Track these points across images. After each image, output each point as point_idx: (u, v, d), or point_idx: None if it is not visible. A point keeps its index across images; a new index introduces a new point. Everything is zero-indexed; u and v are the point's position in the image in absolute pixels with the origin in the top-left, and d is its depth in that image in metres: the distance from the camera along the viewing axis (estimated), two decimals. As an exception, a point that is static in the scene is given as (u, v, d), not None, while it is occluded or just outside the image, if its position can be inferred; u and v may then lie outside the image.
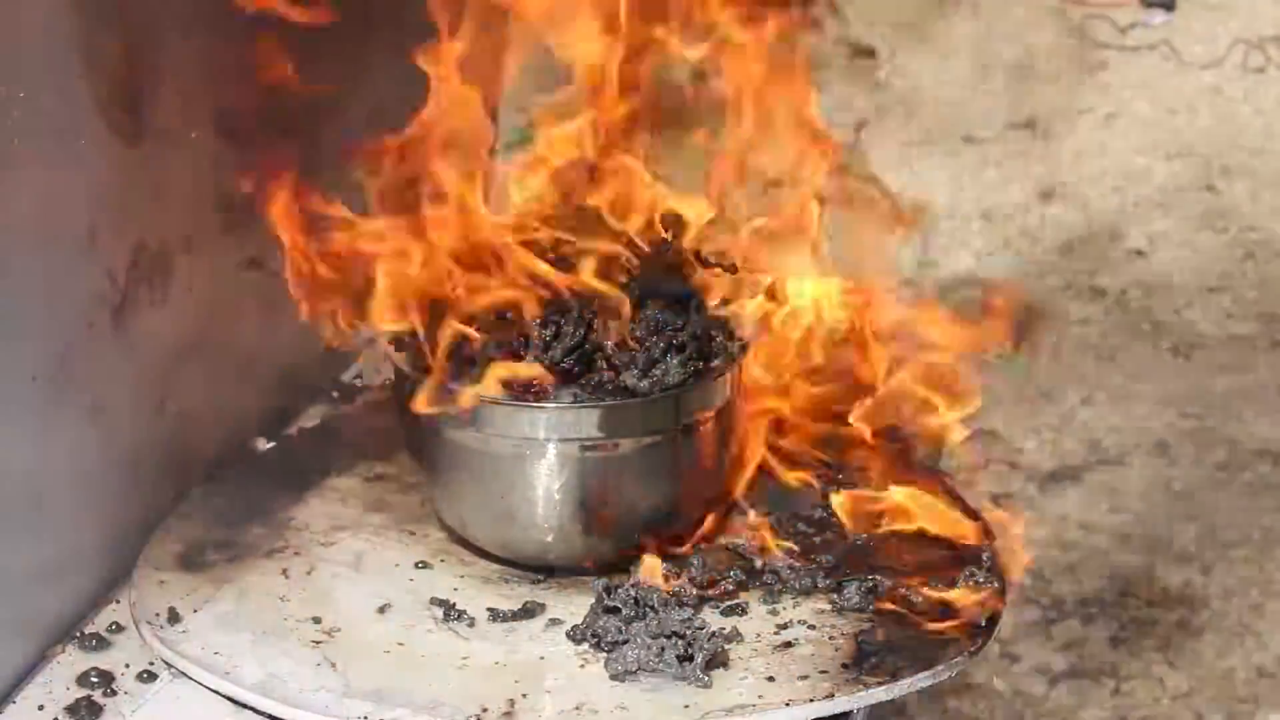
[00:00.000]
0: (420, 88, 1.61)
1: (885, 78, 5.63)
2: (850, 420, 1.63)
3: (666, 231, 1.60)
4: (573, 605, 1.48)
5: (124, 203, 1.49)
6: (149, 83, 1.49)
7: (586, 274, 1.53)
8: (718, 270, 1.60)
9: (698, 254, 1.60)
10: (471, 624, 1.46)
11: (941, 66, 5.67)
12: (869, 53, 5.58)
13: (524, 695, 1.36)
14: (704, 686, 1.35)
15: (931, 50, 5.73)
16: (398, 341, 1.53)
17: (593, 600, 1.46)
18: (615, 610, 1.43)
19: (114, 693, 1.40)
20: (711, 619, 1.45)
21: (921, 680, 1.39)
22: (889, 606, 1.46)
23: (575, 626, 1.44)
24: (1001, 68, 5.74)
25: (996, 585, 1.48)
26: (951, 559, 1.52)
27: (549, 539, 1.51)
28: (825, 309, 1.63)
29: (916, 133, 5.22)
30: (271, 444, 1.78)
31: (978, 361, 1.61)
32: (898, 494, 1.56)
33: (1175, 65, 5.78)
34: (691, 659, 1.36)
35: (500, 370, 1.45)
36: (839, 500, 1.57)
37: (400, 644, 1.43)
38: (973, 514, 1.59)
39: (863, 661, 1.40)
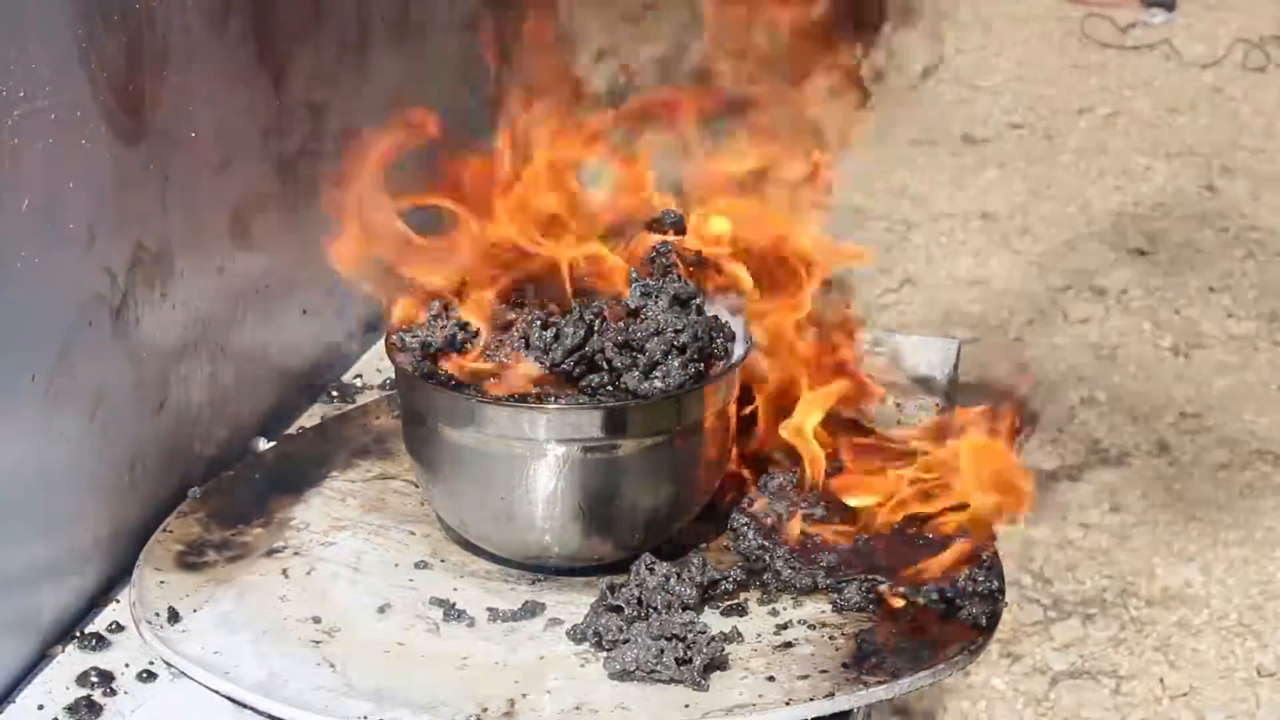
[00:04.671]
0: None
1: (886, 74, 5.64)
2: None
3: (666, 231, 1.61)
4: (573, 605, 1.48)
5: (124, 203, 1.49)
6: (149, 83, 1.49)
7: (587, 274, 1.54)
8: (717, 270, 1.60)
9: (698, 254, 1.60)
10: (471, 624, 1.46)
11: (944, 65, 5.67)
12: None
13: (524, 695, 1.36)
14: (701, 690, 1.35)
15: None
16: (400, 341, 1.53)
17: (593, 600, 1.46)
18: (618, 609, 1.43)
19: (114, 692, 1.40)
20: (712, 619, 1.45)
21: (921, 680, 1.39)
22: (889, 606, 1.46)
23: (575, 626, 1.44)
24: (1002, 67, 5.75)
25: (996, 585, 1.48)
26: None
27: (549, 539, 1.51)
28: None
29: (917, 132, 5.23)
30: (271, 444, 1.78)
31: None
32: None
33: (1175, 65, 5.79)
34: (690, 661, 1.36)
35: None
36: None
37: (400, 644, 1.43)
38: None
39: (863, 661, 1.40)
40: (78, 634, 1.46)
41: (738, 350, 1.55)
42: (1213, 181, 4.94)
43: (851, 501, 1.58)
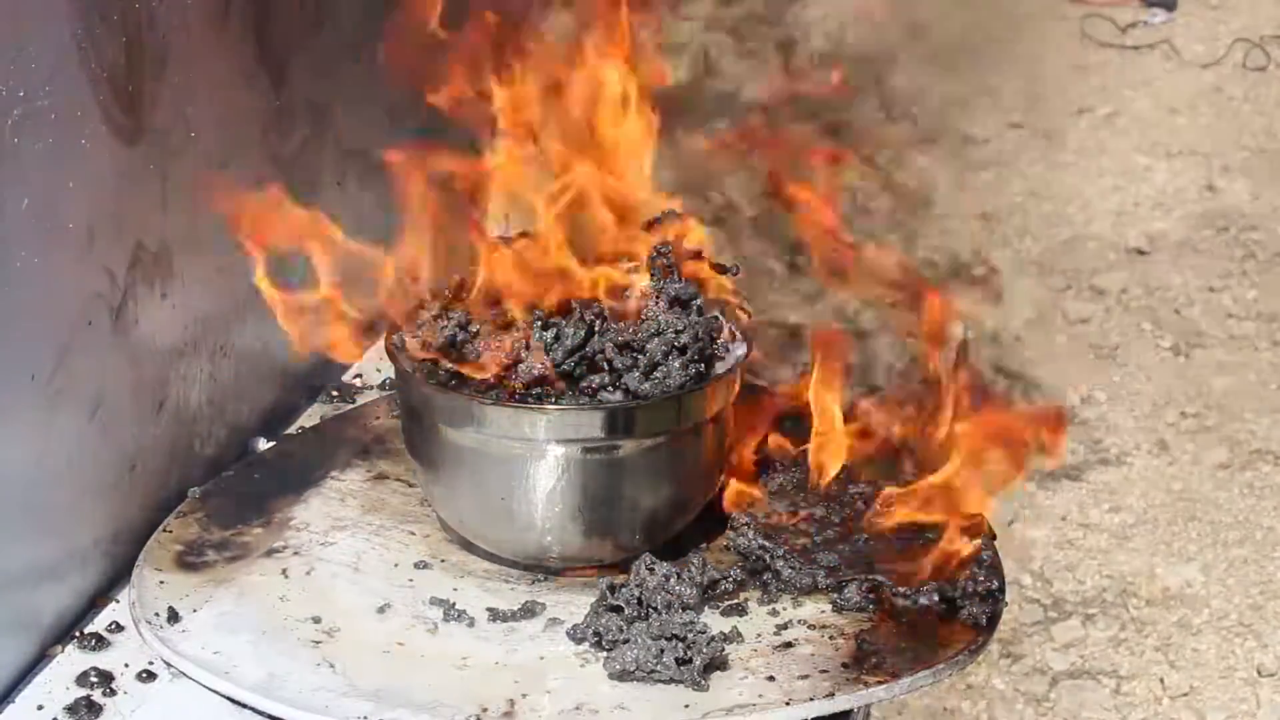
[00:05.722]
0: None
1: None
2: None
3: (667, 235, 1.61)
4: (572, 605, 1.48)
5: (124, 203, 1.49)
6: (149, 83, 1.49)
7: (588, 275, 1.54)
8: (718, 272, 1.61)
9: (699, 256, 1.60)
10: (471, 624, 1.46)
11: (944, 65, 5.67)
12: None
13: (524, 695, 1.36)
14: (701, 690, 1.35)
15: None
16: (400, 341, 1.53)
17: (593, 600, 1.46)
18: (618, 609, 1.43)
19: (113, 692, 1.39)
20: (712, 619, 1.45)
21: (921, 680, 1.39)
22: (889, 606, 1.46)
23: (575, 626, 1.44)
24: (1002, 67, 5.74)
25: (996, 585, 1.48)
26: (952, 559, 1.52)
27: (549, 539, 1.51)
28: None
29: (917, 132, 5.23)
30: (271, 444, 1.78)
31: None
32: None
33: (1176, 64, 5.78)
34: (690, 661, 1.36)
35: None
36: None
37: (400, 644, 1.43)
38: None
39: (863, 661, 1.40)
40: (78, 634, 1.46)
41: (738, 351, 1.55)
42: (1213, 181, 4.93)
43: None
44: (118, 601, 1.52)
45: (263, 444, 1.78)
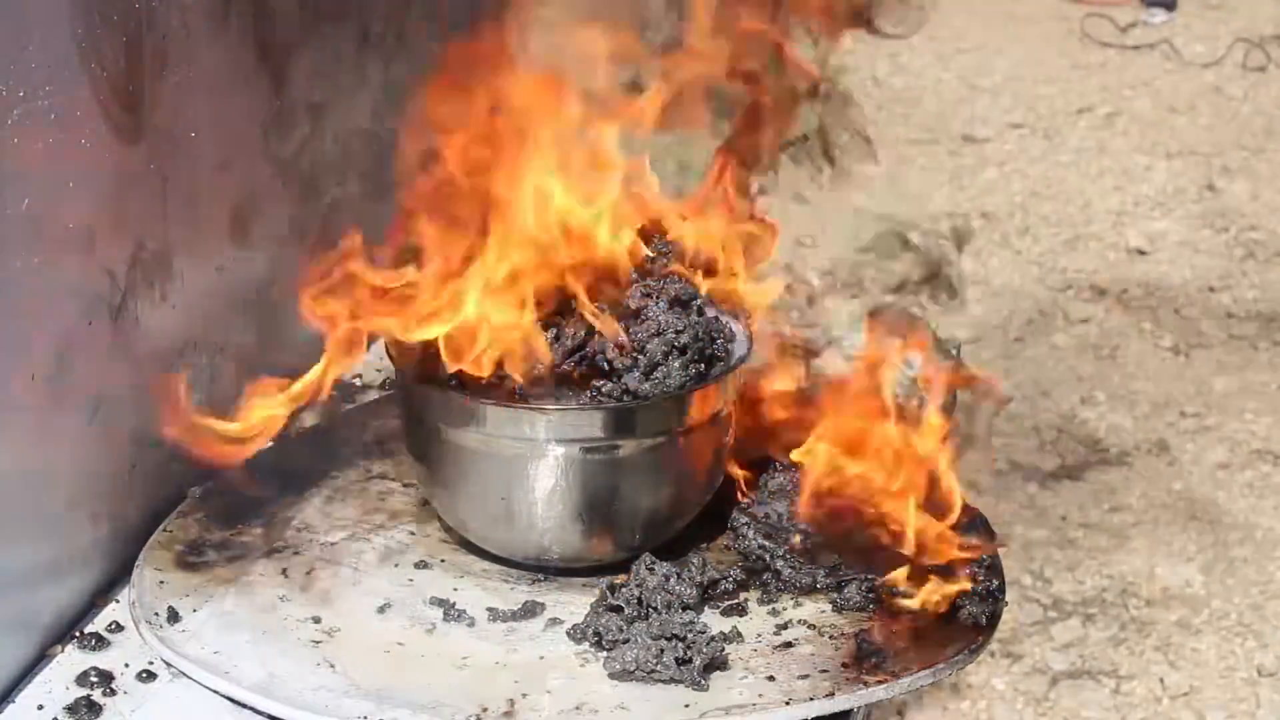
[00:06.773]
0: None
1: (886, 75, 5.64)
2: None
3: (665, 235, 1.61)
4: (573, 605, 1.48)
5: (124, 203, 1.49)
6: (149, 83, 1.49)
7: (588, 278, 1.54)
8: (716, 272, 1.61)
9: (697, 255, 1.60)
10: (471, 624, 1.46)
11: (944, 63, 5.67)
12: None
13: (524, 695, 1.36)
14: (701, 690, 1.35)
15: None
16: (399, 342, 1.53)
17: (593, 600, 1.46)
18: (618, 609, 1.43)
19: (113, 692, 1.39)
20: (712, 619, 1.45)
21: (921, 680, 1.39)
22: (889, 606, 1.46)
23: (575, 626, 1.44)
24: (1002, 67, 5.74)
25: (996, 585, 1.48)
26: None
27: (549, 540, 1.51)
28: None
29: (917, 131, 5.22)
30: (271, 444, 1.78)
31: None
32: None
33: (1175, 65, 5.78)
34: (690, 661, 1.36)
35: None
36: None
37: (400, 644, 1.43)
38: (967, 507, 1.59)
39: (863, 661, 1.40)
40: (77, 634, 1.46)
41: (738, 352, 1.55)
42: (1213, 181, 4.93)
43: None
44: (118, 601, 1.52)
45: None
